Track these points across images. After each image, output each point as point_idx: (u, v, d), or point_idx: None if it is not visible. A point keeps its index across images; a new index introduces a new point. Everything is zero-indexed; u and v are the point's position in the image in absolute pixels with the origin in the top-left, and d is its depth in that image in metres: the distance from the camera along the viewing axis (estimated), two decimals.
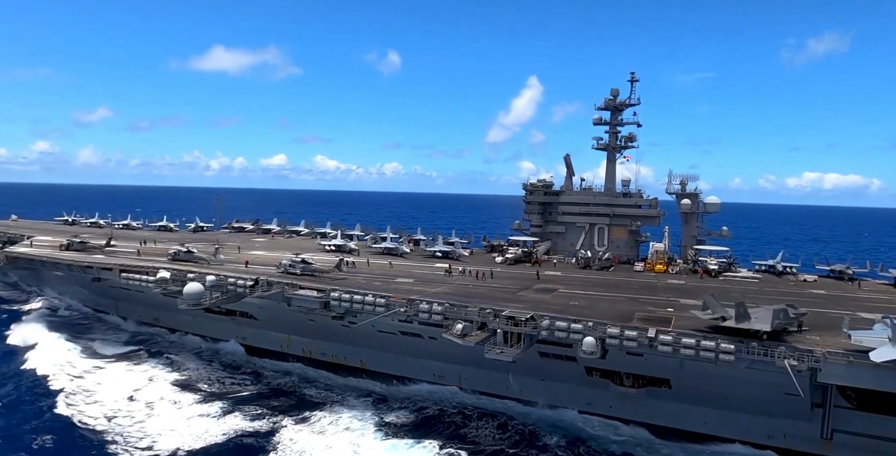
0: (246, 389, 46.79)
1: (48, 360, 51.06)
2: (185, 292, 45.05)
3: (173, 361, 52.39)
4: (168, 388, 46.22)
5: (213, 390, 46.33)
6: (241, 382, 48.29)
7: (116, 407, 42.60)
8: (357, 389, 46.35)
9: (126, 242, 73.16)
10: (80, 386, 45.97)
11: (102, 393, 44.97)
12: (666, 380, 37.91)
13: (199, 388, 46.64)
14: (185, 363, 51.72)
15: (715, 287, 51.11)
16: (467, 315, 38.22)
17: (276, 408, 42.95)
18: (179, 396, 44.75)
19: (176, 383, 47.16)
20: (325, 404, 43.47)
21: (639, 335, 33.56)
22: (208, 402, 43.70)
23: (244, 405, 43.17)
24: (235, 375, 49.95)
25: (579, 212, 67.96)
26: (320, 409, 42.65)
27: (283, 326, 52.26)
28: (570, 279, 53.53)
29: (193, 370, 50.22)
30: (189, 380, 48.18)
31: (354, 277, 50.96)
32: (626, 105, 68.12)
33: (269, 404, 43.55)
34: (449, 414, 42.29)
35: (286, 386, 47.52)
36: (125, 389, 45.64)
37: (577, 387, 41.65)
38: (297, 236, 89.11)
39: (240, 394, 45.74)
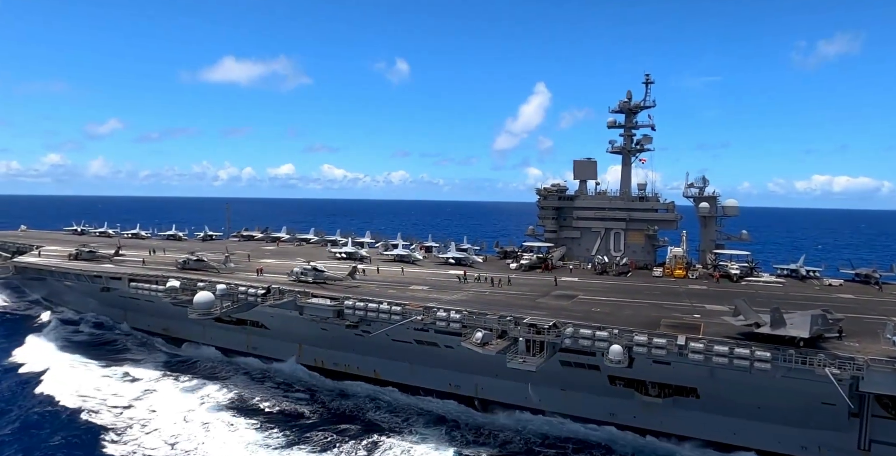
0: (305, 414, 44.03)
1: (76, 386, 47.88)
2: (195, 301, 43.99)
3: (221, 380, 50.08)
4: (222, 410, 43.85)
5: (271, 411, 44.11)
6: (296, 402, 45.91)
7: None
8: (425, 412, 43.86)
9: (135, 251, 72.44)
10: (127, 419, 42.73)
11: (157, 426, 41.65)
12: (693, 389, 36.43)
13: (255, 409, 44.37)
14: (236, 383, 49.35)
15: (738, 292, 49.40)
16: (486, 323, 36.86)
17: (342, 433, 40.34)
18: (235, 419, 42.38)
19: (231, 406, 44.82)
20: (395, 432, 40.65)
21: (668, 343, 32.09)
22: (267, 428, 41.14)
23: (308, 432, 40.46)
24: (290, 393, 47.70)
25: (594, 217, 66.57)
26: (388, 435, 39.91)
27: (295, 335, 51.12)
28: (589, 285, 52.10)
29: (244, 389, 48.07)
30: (242, 400, 45.92)
31: (368, 285, 49.77)
32: (640, 107, 66.86)
33: (335, 429, 40.98)
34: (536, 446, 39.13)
35: (347, 409, 44.91)
36: (176, 418, 42.76)
37: (599, 397, 40.21)
38: (306, 244, 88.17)
39: (302, 421, 42.92)
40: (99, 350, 58.03)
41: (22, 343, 58.58)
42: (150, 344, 60.15)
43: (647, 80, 66.58)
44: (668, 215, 64.75)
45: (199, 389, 47.89)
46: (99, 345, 60.17)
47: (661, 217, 64.82)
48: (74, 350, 57.23)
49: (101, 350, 58.10)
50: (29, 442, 38.80)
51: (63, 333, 63.16)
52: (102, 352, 57.49)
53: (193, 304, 44.14)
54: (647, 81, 66.57)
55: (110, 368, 52.76)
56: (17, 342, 58.95)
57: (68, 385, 47.82)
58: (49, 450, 37.85)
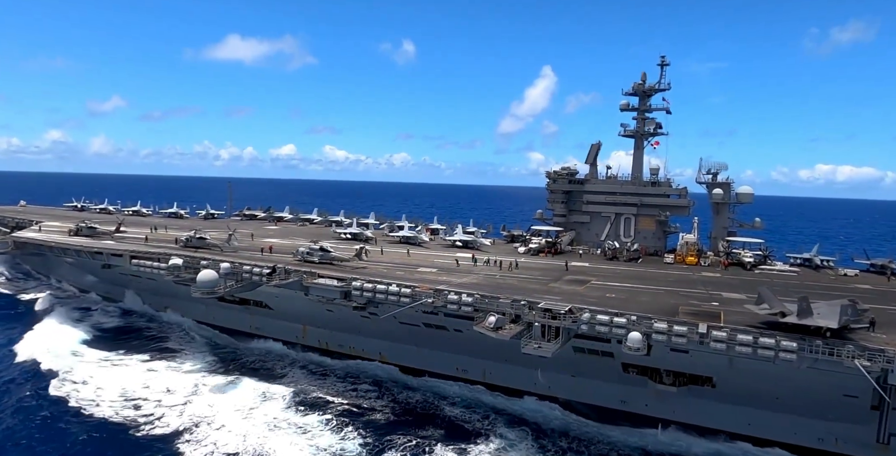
0: (377, 410, 41.09)
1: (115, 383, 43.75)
2: (198, 280, 42.89)
3: (279, 374, 46.90)
4: (285, 407, 40.73)
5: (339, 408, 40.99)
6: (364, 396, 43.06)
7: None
8: (506, 413, 40.66)
9: (136, 228, 71.25)
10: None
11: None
12: (709, 378, 35.55)
13: (319, 404, 41.47)
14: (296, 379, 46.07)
15: (753, 281, 48.44)
16: (499, 307, 35.83)
17: (419, 435, 37.28)
18: (301, 418, 39.32)
19: (298, 402, 41.58)
20: (480, 435, 37.61)
21: (689, 331, 31.05)
22: (339, 425, 38.34)
23: (383, 432, 37.76)
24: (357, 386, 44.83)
25: (605, 201, 65.13)
26: (475, 441, 36.67)
27: (299, 316, 50.21)
28: (601, 271, 50.98)
29: (305, 384, 44.90)
30: (304, 395, 42.88)
31: (375, 266, 48.64)
32: (655, 90, 65.04)
33: (413, 431, 37.82)
34: None
35: (420, 404, 42.22)
36: (240, 415, 39.49)
37: (610, 384, 39.35)
38: (309, 224, 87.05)
39: (371, 416, 40.23)
40: (119, 338, 54.51)
41: (30, 329, 54.72)
42: (168, 327, 57.57)
43: (663, 62, 64.65)
44: (680, 201, 63.33)
45: (247, 383, 44.71)
46: (117, 332, 56.65)
47: (674, 203, 63.40)
48: (93, 340, 53.69)
49: (121, 338, 54.56)
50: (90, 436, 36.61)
51: (77, 317, 59.63)
52: (124, 340, 54.04)
53: (197, 282, 43.06)
54: (663, 63, 64.63)
55: (139, 360, 49.22)
56: (24, 328, 55.25)
57: (102, 382, 44.16)
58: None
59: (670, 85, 64.39)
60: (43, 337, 52.27)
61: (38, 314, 60.07)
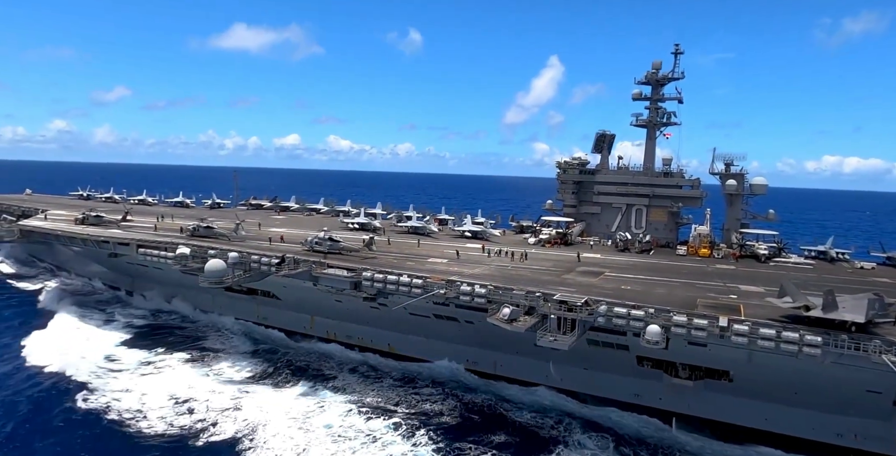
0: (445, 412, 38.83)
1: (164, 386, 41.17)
2: (206, 269, 42.34)
3: (333, 380, 43.93)
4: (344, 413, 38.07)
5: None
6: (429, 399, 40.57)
7: None
8: (582, 417, 38.63)
9: (142, 217, 70.77)
10: None
11: None
12: (725, 372, 34.92)
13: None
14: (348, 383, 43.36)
15: (768, 273, 47.69)
16: (513, 299, 35.14)
17: (491, 443, 35.16)
18: (364, 424, 36.91)
19: (361, 406, 39.08)
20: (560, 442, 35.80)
21: (709, 324, 30.31)
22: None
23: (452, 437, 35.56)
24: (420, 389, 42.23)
25: (616, 192, 64.24)
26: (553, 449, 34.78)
27: (307, 306, 49.71)
28: (614, 262, 50.20)
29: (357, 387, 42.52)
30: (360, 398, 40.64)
31: (385, 257, 47.99)
32: (668, 79, 63.81)
33: (484, 438, 35.61)
34: None
35: (485, 405, 40.24)
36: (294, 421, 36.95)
37: (624, 378, 38.75)
38: (316, 214, 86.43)
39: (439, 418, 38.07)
40: (145, 336, 52.27)
41: (41, 325, 52.85)
42: (202, 325, 55.28)
43: (677, 51, 63.28)
44: (692, 192, 62.36)
45: (298, 385, 42.34)
46: (141, 329, 54.21)
47: (686, 194, 62.44)
48: (115, 338, 51.12)
49: (148, 336, 52.30)
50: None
51: (89, 312, 57.50)
52: (150, 337, 51.80)
53: (205, 272, 42.53)
54: (677, 52, 63.27)
55: (178, 360, 46.72)
56: (34, 323, 53.72)
57: (138, 387, 41.35)
58: None
59: (684, 74, 63.16)
60: (58, 337, 50.26)
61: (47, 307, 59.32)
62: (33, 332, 51.26)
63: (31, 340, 49.47)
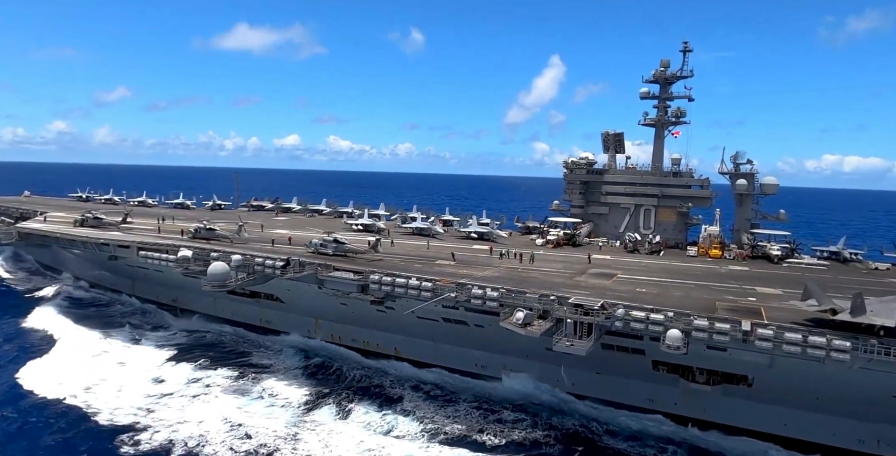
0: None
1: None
2: (209, 273, 41.29)
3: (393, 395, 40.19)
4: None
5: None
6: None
7: None
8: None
9: (142, 218, 69.74)
10: None
11: None
12: (744, 377, 33.93)
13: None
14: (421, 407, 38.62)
15: (783, 275, 46.74)
16: (526, 302, 34.11)
17: None
18: None
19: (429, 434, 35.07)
20: None
21: (731, 329, 29.28)
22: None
23: None
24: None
25: (625, 192, 63.25)
26: None
27: (312, 309, 48.66)
28: (625, 264, 49.20)
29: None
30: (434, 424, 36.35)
31: (391, 259, 46.94)
32: (676, 77, 62.87)
33: None
34: None
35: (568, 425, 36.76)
36: None
37: (638, 382, 37.71)
38: (318, 215, 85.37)
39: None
40: (175, 349, 48.37)
41: (46, 335, 50.05)
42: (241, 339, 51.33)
43: (685, 49, 62.40)
44: (702, 192, 61.40)
45: (361, 410, 37.85)
46: (165, 341, 50.28)
47: (695, 193, 61.48)
48: (131, 352, 47.37)
49: (178, 349, 48.47)
50: None
51: (93, 321, 53.88)
52: (180, 349, 48.23)
53: (207, 275, 41.49)
54: (685, 49, 62.39)
55: (221, 376, 42.59)
56: (38, 338, 50.05)
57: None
58: None
59: (693, 72, 62.26)
60: (59, 351, 47.24)
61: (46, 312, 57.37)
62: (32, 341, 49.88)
63: (32, 358, 45.92)
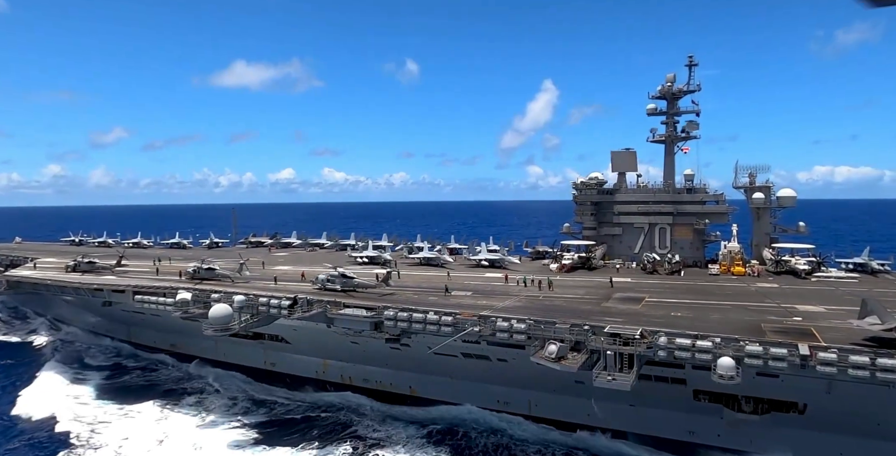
0: None
1: None
2: (211, 316, 38.49)
3: None
4: None
5: None
6: None
7: None
8: None
9: (138, 261, 66.96)
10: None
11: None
12: (794, 403, 31.23)
13: None
14: None
15: (818, 290, 44.29)
16: (556, 333, 31.45)
17: None
18: None
19: None
20: None
21: (789, 353, 26.67)
22: None
23: None
24: None
25: (638, 211, 61.16)
26: None
27: (320, 349, 45.84)
28: (649, 286, 46.68)
29: None
30: None
31: (403, 292, 44.26)
32: (683, 92, 61.64)
33: None
34: None
35: None
36: None
37: (678, 413, 34.87)
38: (319, 249, 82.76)
39: None
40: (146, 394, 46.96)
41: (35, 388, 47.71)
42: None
43: (691, 63, 61.38)
44: (718, 208, 59.39)
45: None
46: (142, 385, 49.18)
47: (712, 209, 59.45)
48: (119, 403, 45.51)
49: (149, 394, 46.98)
50: None
51: (86, 372, 51.96)
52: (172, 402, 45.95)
53: (209, 318, 38.65)
54: (691, 64, 61.37)
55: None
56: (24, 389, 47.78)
57: None
58: None
59: (700, 86, 61.06)
60: (49, 402, 45.45)
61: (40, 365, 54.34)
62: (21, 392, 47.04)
63: (21, 402, 45.36)
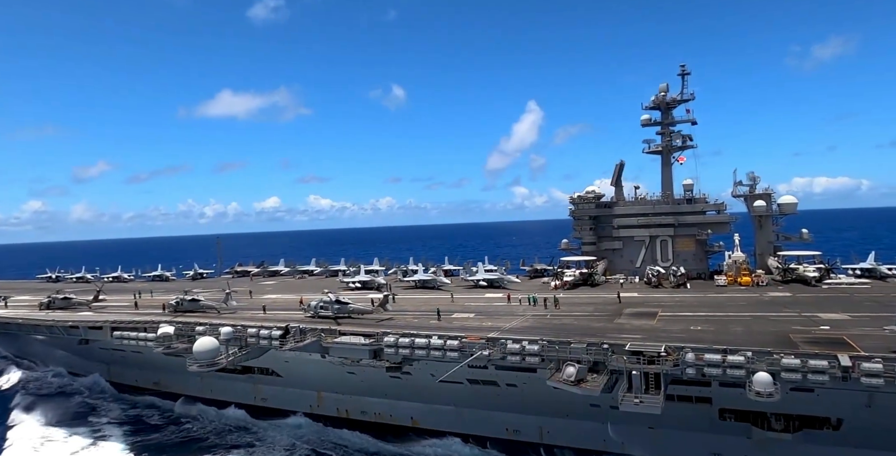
0: None
1: None
2: (195, 350, 35.57)
3: None
4: None
5: None
6: None
7: None
8: None
9: (118, 295, 63.54)
10: None
11: None
12: (826, 418, 29.01)
13: None
14: None
15: (834, 297, 42.52)
16: (571, 354, 29.04)
17: None
18: None
19: None
20: None
21: (829, 366, 24.50)
22: None
23: None
24: None
25: (638, 224, 59.46)
26: None
27: (314, 381, 42.81)
28: (658, 300, 44.58)
29: None
30: None
31: (402, 316, 41.68)
32: (677, 102, 60.70)
33: None
34: None
35: None
36: None
37: (701, 434, 32.43)
38: (309, 276, 79.89)
39: None
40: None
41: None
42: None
43: (683, 72, 60.65)
44: (720, 217, 57.94)
45: None
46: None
47: (713, 219, 57.97)
48: None
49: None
50: None
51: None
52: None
53: (194, 352, 35.74)
54: (683, 73, 60.63)
55: None
56: None
57: None
58: None
59: (694, 95, 60.15)
60: None
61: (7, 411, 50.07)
62: None
63: None
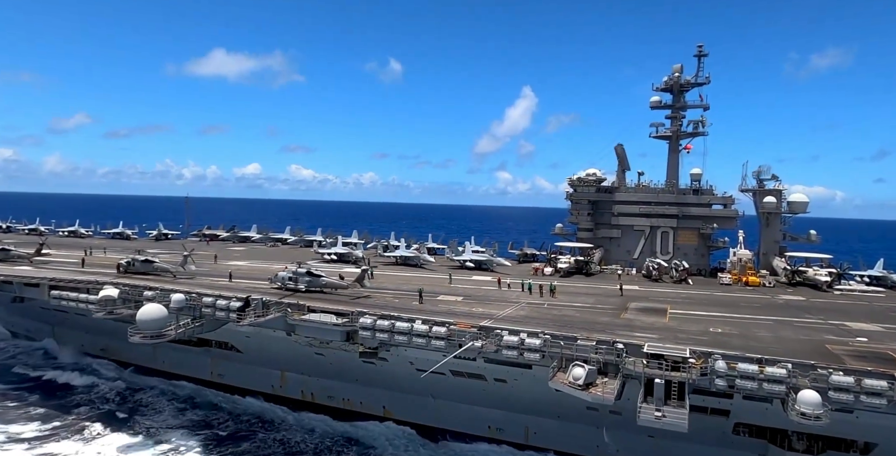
0: None
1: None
2: (139, 319, 30.66)
3: None
4: None
5: None
6: None
7: None
8: None
9: (69, 250, 58.01)
10: None
11: None
12: (853, 441, 25.60)
13: None
14: None
15: (847, 304, 39.24)
16: (577, 351, 24.94)
17: None
18: None
19: None
20: None
21: (890, 387, 20.74)
22: None
23: None
24: None
25: (639, 212, 55.50)
26: None
27: (277, 360, 38.31)
28: (661, 295, 40.79)
29: None
30: None
31: (381, 295, 37.16)
32: (691, 84, 56.42)
33: None
34: None
35: None
36: None
37: (709, 449, 28.90)
38: (282, 245, 74.87)
39: None
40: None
41: None
42: None
43: (700, 53, 56.22)
44: (726, 212, 54.24)
45: None
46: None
47: (720, 213, 54.26)
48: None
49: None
50: None
51: None
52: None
53: (137, 321, 30.84)
54: (700, 54, 56.20)
55: None
56: None
57: None
58: None
59: (709, 78, 55.81)
60: None
61: None
62: None
63: None
